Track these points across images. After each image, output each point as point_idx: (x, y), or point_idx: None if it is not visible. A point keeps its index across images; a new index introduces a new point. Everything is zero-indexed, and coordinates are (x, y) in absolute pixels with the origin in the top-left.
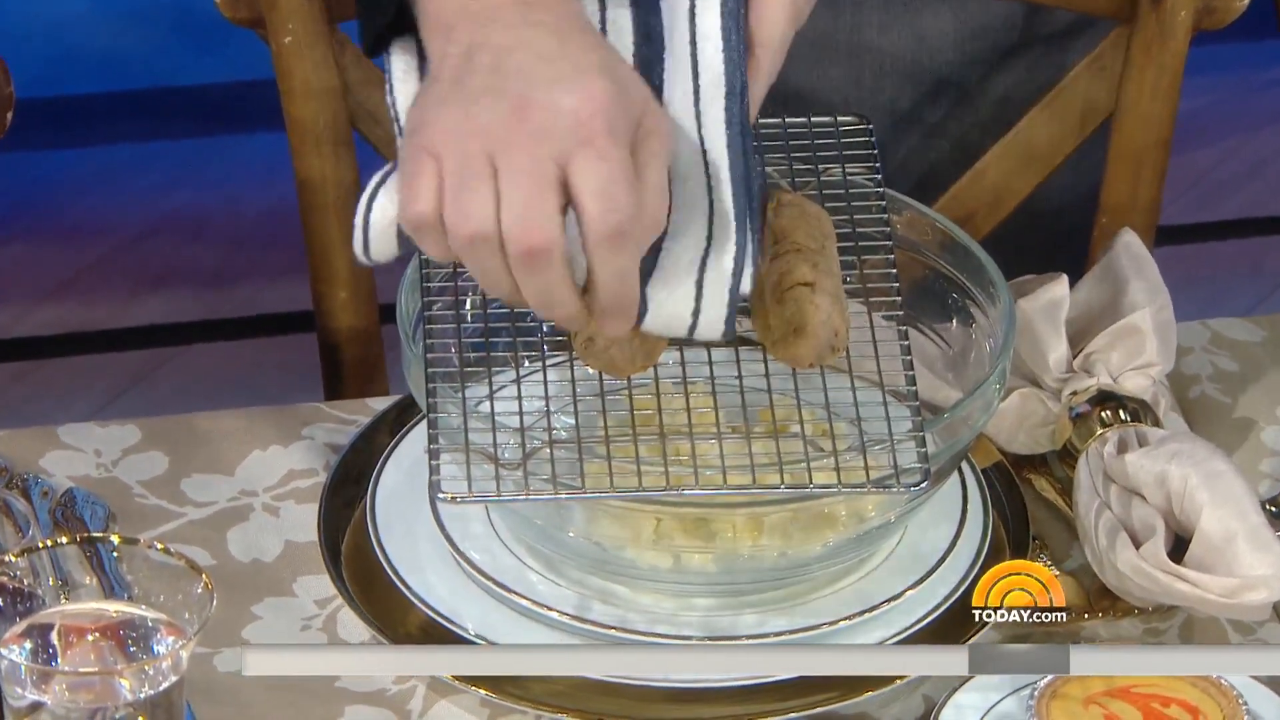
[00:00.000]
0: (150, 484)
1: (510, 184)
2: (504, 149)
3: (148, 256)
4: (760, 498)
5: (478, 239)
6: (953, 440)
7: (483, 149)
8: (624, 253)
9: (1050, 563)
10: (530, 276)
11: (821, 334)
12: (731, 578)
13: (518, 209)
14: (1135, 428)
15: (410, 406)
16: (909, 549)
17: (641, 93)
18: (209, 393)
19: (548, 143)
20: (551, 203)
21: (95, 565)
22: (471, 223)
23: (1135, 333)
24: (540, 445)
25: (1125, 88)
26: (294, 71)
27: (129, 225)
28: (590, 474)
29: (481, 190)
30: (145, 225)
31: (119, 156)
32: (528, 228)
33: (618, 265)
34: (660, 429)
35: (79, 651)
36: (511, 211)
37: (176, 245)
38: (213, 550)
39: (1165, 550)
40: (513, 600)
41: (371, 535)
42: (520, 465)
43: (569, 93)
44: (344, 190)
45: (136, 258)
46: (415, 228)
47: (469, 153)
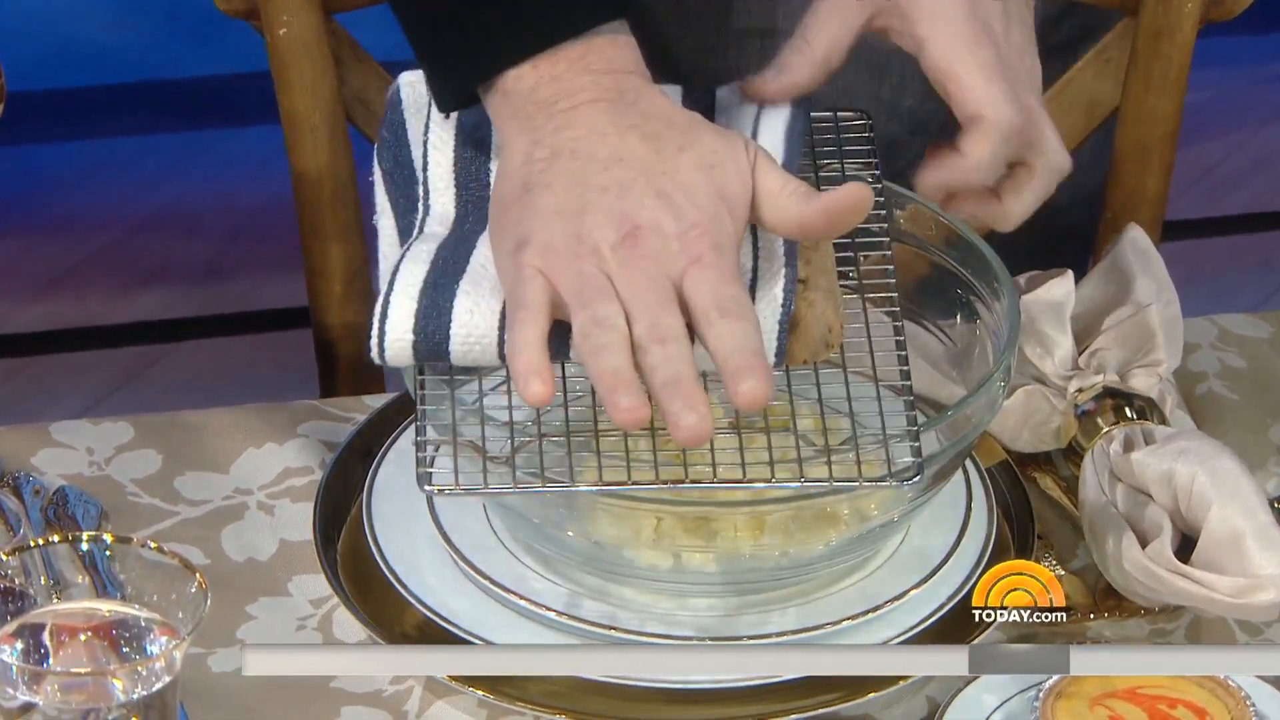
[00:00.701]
0: (143, 482)
1: (635, 300)
2: (620, 270)
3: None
4: (762, 495)
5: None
6: (956, 438)
7: (598, 268)
8: (742, 323)
9: (1055, 562)
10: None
11: (814, 330)
12: (732, 577)
13: (647, 319)
14: (1141, 425)
15: (407, 404)
16: (912, 548)
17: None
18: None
19: (661, 264)
20: (674, 312)
21: (87, 564)
22: (608, 326)
23: (1141, 329)
24: (530, 439)
25: (1131, 81)
26: (289, 64)
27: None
28: (579, 468)
29: (611, 304)
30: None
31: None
32: (663, 331)
33: (737, 334)
34: (652, 424)
35: (71, 652)
36: (642, 322)
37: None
38: (207, 549)
39: (1172, 549)
40: (510, 600)
41: (368, 534)
42: (509, 459)
43: (674, 216)
44: (340, 184)
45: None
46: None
47: (584, 271)
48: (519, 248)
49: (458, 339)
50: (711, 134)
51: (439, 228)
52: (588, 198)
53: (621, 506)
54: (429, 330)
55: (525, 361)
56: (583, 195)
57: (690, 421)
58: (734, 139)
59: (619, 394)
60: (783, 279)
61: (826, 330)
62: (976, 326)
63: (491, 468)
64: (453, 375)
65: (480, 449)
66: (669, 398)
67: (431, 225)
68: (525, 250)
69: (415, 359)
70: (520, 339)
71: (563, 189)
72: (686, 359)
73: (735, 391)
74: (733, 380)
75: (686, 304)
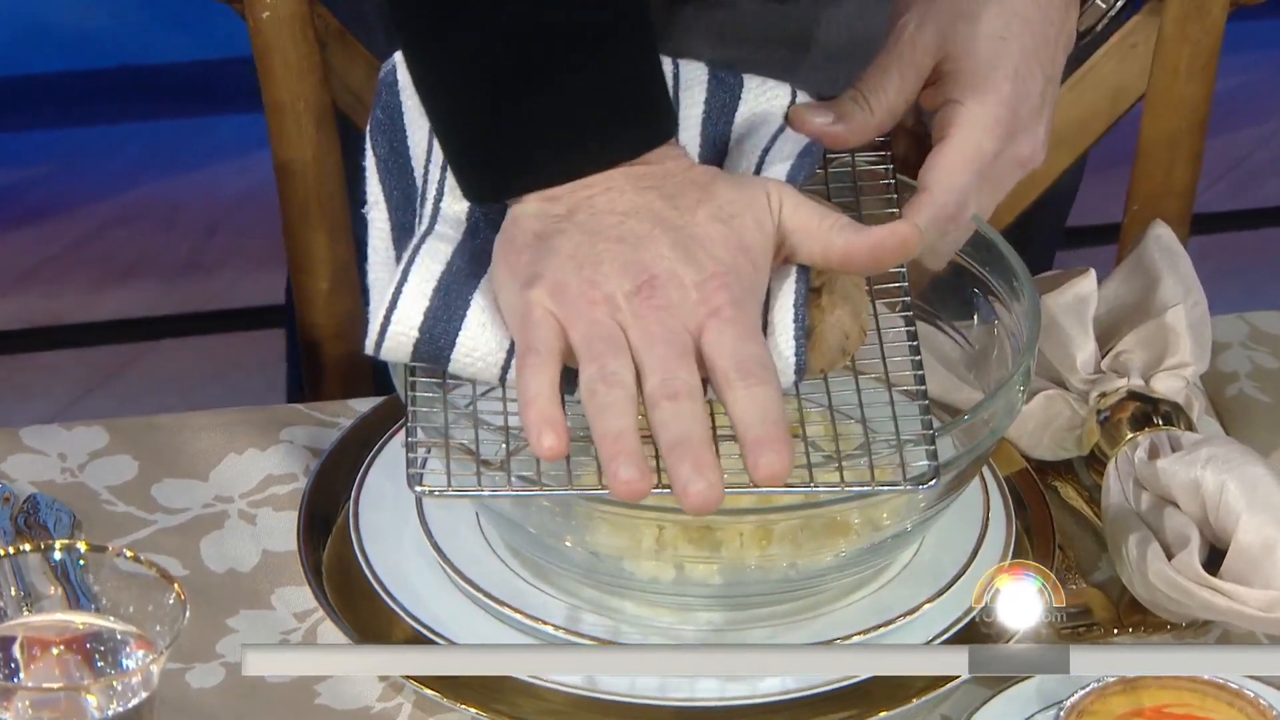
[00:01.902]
0: (119, 489)
1: (649, 353)
2: (635, 321)
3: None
4: (770, 502)
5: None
6: (973, 444)
7: (610, 316)
8: (764, 388)
9: (1077, 575)
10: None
11: (831, 338)
12: (737, 590)
13: (659, 374)
14: (1167, 431)
15: (395, 408)
16: (926, 560)
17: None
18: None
19: (678, 315)
20: (690, 366)
21: (60, 575)
22: (615, 384)
23: (1167, 331)
24: (525, 443)
25: (1157, 67)
26: (272, 49)
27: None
28: (577, 472)
29: (622, 358)
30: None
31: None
32: (675, 386)
33: (758, 400)
34: None
35: (43, 666)
36: (654, 377)
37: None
38: (185, 560)
39: (1200, 561)
40: (504, 613)
41: (354, 544)
42: (503, 462)
43: (691, 266)
44: (325, 175)
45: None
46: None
47: (596, 320)
48: (530, 284)
49: (463, 349)
50: (729, 186)
51: (452, 231)
52: (602, 247)
53: (621, 515)
54: (435, 332)
55: (538, 413)
56: (597, 245)
57: (699, 489)
58: (753, 188)
59: (619, 463)
60: (794, 293)
61: (844, 338)
62: (994, 328)
63: (485, 471)
64: (445, 376)
65: (473, 452)
66: (677, 459)
67: (443, 226)
68: (536, 288)
69: (413, 358)
70: (532, 386)
71: (578, 237)
72: (698, 417)
73: (754, 465)
74: (752, 453)
75: (705, 361)
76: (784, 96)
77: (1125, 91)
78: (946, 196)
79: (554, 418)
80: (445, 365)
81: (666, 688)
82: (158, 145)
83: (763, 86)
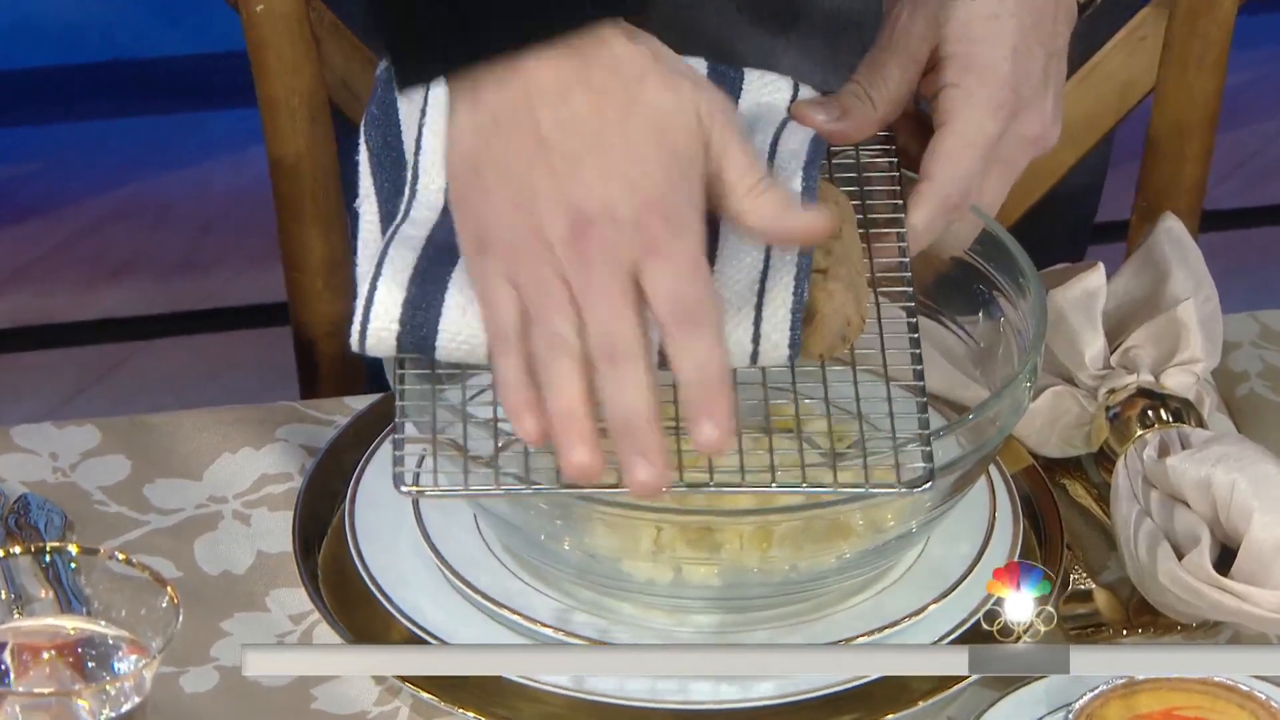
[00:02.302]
0: (111, 490)
1: (588, 305)
2: (574, 271)
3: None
4: (770, 503)
5: (564, 358)
6: (980, 443)
7: (554, 272)
8: (702, 340)
9: (1085, 575)
10: (614, 380)
11: (832, 323)
12: (737, 593)
13: (598, 329)
14: (1178, 429)
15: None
16: (931, 561)
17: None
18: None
19: (615, 256)
20: (631, 316)
21: (51, 577)
22: (559, 349)
23: (1178, 325)
24: (515, 438)
25: (1167, 61)
26: (267, 43)
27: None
28: None
29: (563, 314)
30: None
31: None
32: (613, 343)
33: (696, 355)
34: None
35: (34, 671)
36: (593, 332)
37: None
38: (179, 561)
39: (1211, 561)
40: (501, 615)
41: (350, 545)
42: (491, 460)
43: (625, 197)
44: (320, 171)
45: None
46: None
47: (541, 277)
48: (481, 248)
49: (446, 335)
50: (659, 86)
51: (427, 213)
52: (535, 180)
53: (618, 515)
54: (416, 323)
55: (515, 399)
56: (531, 176)
57: (642, 478)
58: (682, 90)
59: (571, 446)
60: (795, 266)
61: (845, 324)
62: (1000, 324)
63: (473, 468)
64: (435, 370)
65: (462, 449)
66: (622, 445)
67: (419, 210)
68: (489, 254)
69: (399, 351)
70: (505, 373)
71: (512, 168)
72: (640, 385)
73: (694, 437)
74: (691, 420)
75: (644, 292)
76: (785, 90)
77: (1134, 86)
78: (950, 185)
79: (531, 401)
80: (432, 354)
81: (663, 691)
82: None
83: (763, 80)
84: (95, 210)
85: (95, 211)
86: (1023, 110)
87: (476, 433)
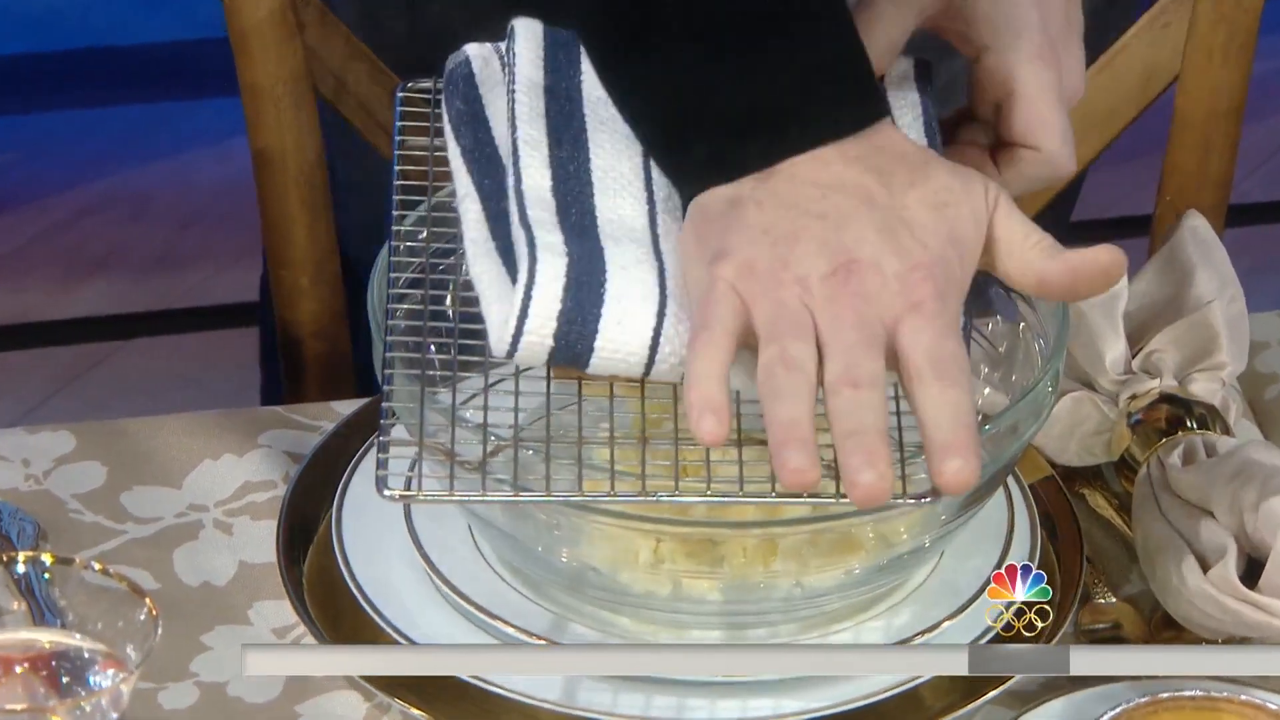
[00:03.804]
0: (86, 498)
1: (836, 338)
2: (825, 306)
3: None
4: (776, 514)
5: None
6: (999, 453)
7: (798, 299)
8: (960, 388)
9: (1106, 589)
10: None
11: None
12: (738, 608)
13: (844, 360)
14: (1202, 436)
15: None
16: (944, 575)
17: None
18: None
19: (874, 305)
20: (879, 358)
21: (23, 589)
22: (796, 369)
23: (1203, 328)
24: (504, 443)
25: (1191, 49)
26: (250, 29)
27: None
28: (557, 477)
29: (805, 343)
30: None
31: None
32: (858, 374)
33: (952, 400)
34: (642, 433)
35: (6, 686)
36: (838, 363)
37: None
38: (157, 572)
39: (1237, 574)
40: (495, 627)
41: (337, 555)
42: (479, 465)
43: (896, 253)
44: (305, 163)
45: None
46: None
47: (783, 301)
48: (717, 258)
49: (603, 352)
50: (946, 171)
51: (545, 214)
52: (801, 223)
53: (615, 525)
54: (570, 338)
55: (702, 395)
56: (796, 220)
57: (868, 479)
58: (971, 178)
59: (790, 450)
60: None
61: None
62: (1020, 327)
63: (460, 474)
64: (424, 371)
65: (450, 453)
66: (850, 450)
67: (536, 211)
68: (723, 263)
69: (551, 364)
70: (701, 367)
71: (775, 209)
72: (878, 409)
73: (938, 470)
74: (938, 456)
75: (897, 355)
76: None
77: (1157, 74)
78: (1061, 148)
79: (717, 401)
80: (585, 366)
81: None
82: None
83: None
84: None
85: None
86: (1062, 57)
87: (465, 437)
